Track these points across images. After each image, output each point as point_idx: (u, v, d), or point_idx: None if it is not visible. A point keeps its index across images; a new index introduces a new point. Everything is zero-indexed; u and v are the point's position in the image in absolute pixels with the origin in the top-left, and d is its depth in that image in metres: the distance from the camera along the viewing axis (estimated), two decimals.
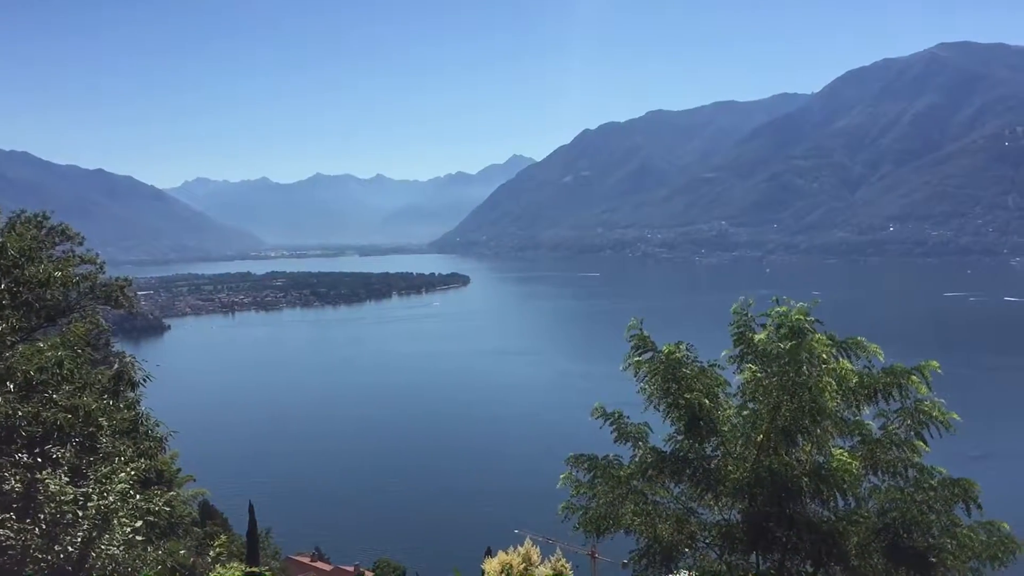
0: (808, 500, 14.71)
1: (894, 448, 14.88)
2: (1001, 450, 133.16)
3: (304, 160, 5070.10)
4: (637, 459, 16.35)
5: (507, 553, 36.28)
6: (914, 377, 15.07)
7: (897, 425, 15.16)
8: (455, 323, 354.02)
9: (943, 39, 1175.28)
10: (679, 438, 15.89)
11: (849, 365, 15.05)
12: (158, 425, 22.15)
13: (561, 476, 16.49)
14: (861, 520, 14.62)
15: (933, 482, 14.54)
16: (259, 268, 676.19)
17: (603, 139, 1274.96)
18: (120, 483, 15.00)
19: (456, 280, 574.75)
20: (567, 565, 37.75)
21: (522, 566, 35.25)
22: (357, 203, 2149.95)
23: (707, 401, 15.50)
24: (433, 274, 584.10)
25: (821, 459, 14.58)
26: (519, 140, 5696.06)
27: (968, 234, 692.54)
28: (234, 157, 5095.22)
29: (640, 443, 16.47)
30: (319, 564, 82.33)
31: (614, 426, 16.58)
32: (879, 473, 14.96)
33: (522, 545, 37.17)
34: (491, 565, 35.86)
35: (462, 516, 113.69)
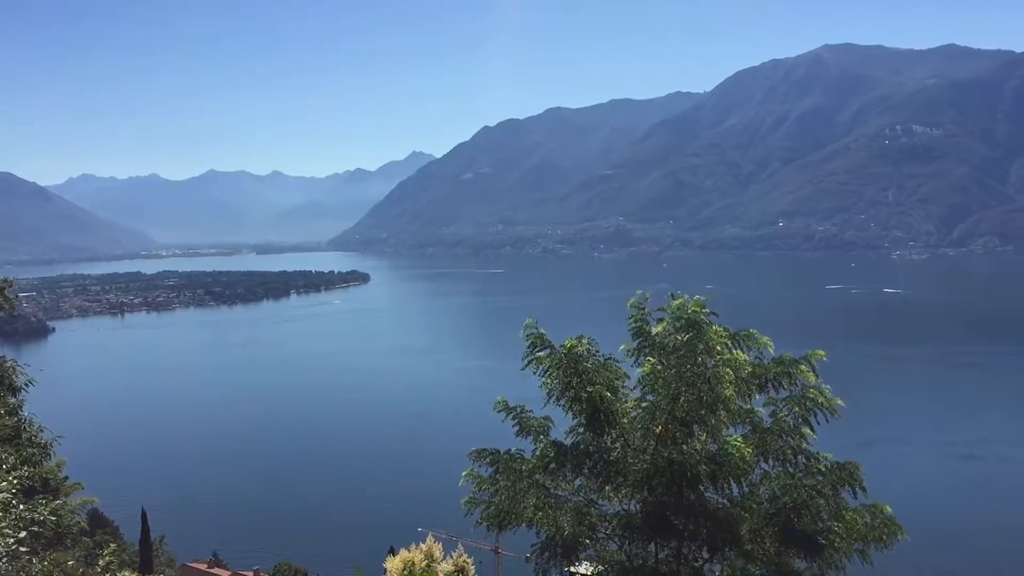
0: (705, 488, 15.12)
1: (784, 435, 15.43)
2: (884, 436, 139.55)
3: (197, 156, 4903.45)
4: (539, 452, 16.47)
5: (409, 551, 36.14)
6: (802, 366, 15.70)
7: (786, 413, 15.71)
8: (356, 321, 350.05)
9: (827, 41, 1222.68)
10: (580, 431, 16.07)
11: (743, 356, 15.52)
12: (42, 431, 21.22)
13: (464, 473, 16.49)
14: (754, 506, 15.11)
15: (821, 467, 15.13)
16: (150, 267, 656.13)
17: (502, 136, 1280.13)
18: (2, 492, 14.32)
19: (356, 278, 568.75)
20: (469, 561, 37.86)
21: (424, 563, 35.20)
22: (253, 200, 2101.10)
23: (608, 394, 15.69)
24: (332, 272, 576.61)
25: (716, 447, 14.99)
26: (419, 137, 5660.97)
27: (852, 229, 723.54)
28: (122, 153, 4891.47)
29: (542, 436, 16.60)
30: (217, 570, 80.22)
31: (516, 420, 16.69)
32: (770, 460, 15.48)
33: (424, 542, 37.10)
34: (393, 564, 35.67)
35: (365, 516, 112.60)
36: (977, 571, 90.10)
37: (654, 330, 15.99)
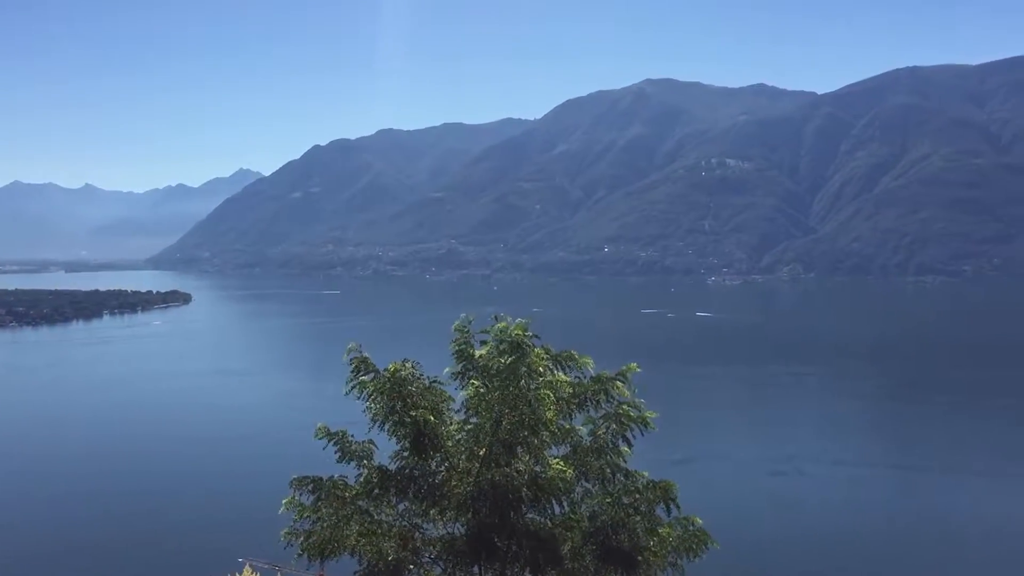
0: (527, 509, 15.33)
1: (603, 454, 15.91)
2: (699, 453, 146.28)
3: None
4: (363, 478, 16.26)
5: None
6: (618, 383, 16.26)
7: (604, 430, 16.21)
8: (174, 343, 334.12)
9: (649, 75, 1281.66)
10: (405, 455, 15.98)
11: (564, 377, 15.89)
12: None
13: (284, 501, 16.02)
14: (575, 525, 15.47)
15: (638, 485, 15.68)
16: None
17: (333, 156, 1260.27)
18: None
19: (176, 297, 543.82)
20: None
21: None
22: (62, 214, 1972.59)
23: (432, 417, 15.69)
24: (151, 291, 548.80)
25: (539, 469, 15.25)
26: (246, 154, 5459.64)
27: (672, 255, 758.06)
28: None
29: (366, 461, 16.40)
30: None
31: (338, 446, 16.41)
32: (590, 479, 15.91)
33: (242, 573, 35.74)
34: None
35: (179, 546, 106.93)
36: None
37: (477, 353, 16.15)
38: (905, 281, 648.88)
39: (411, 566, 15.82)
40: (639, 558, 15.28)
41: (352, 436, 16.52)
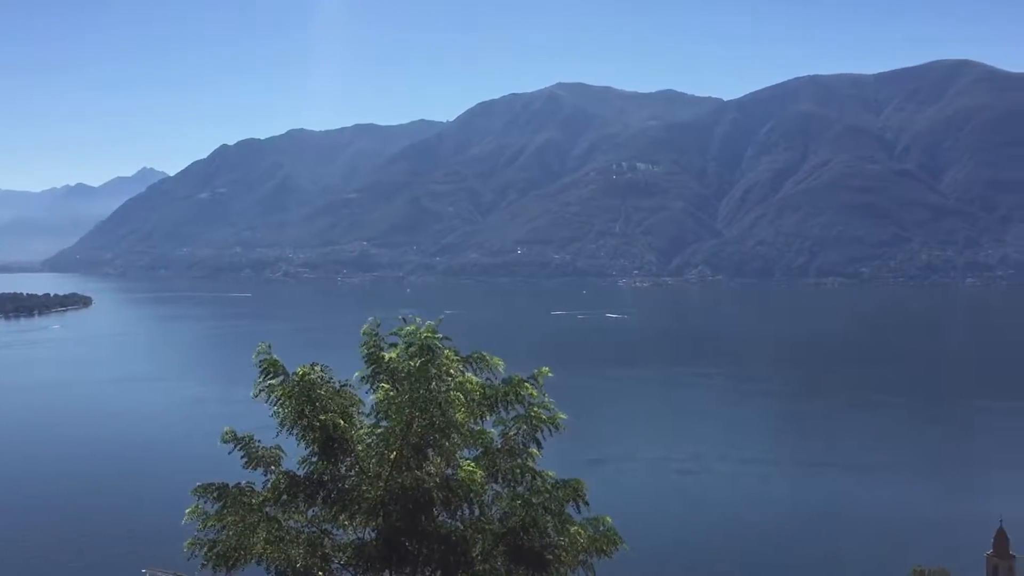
0: (438, 512, 15.29)
1: (513, 455, 15.98)
2: (611, 453, 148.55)
3: None
4: (270, 484, 15.96)
5: None
6: (527, 384, 16.34)
7: (515, 432, 16.30)
8: (75, 348, 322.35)
9: (561, 79, 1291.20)
10: (314, 460, 15.76)
11: (475, 379, 15.89)
12: None
13: (187, 510, 15.59)
14: (486, 527, 15.47)
15: (548, 485, 15.79)
16: None
17: (242, 155, 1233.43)
18: None
19: (76, 300, 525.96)
20: None
21: None
22: None
23: (342, 421, 15.50)
24: (48, 294, 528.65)
25: (450, 471, 15.24)
26: (150, 152, 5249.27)
27: (584, 257, 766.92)
28: None
29: (273, 467, 16.11)
30: None
31: (244, 451, 16.06)
32: (500, 480, 15.94)
33: None
34: None
35: (81, 558, 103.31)
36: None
37: (387, 356, 16.02)
38: (806, 283, 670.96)
39: (320, 572, 15.57)
40: (549, 557, 15.37)
41: (259, 441, 16.19)
